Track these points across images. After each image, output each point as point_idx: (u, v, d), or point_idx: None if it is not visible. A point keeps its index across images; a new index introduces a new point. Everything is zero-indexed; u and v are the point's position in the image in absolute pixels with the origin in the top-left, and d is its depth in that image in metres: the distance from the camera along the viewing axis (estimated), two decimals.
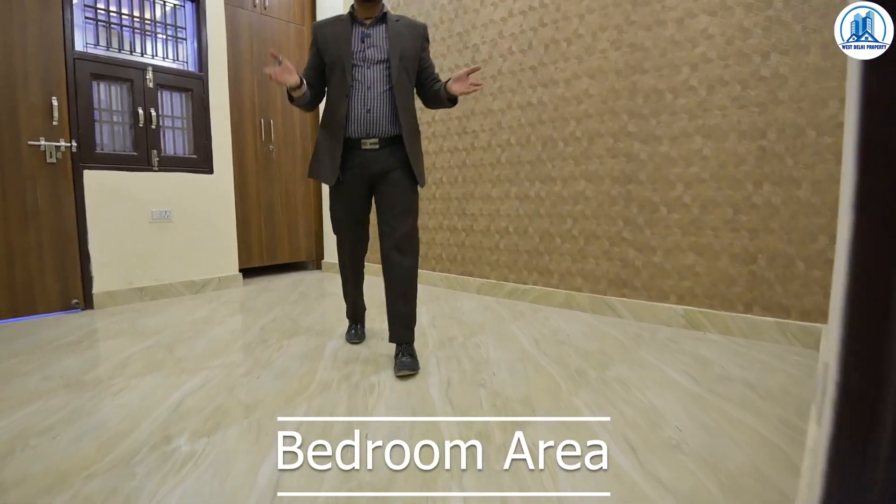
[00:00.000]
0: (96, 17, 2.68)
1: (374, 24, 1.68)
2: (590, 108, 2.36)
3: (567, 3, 2.42)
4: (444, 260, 3.13)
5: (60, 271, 2.60)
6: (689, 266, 2.08)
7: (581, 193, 2.41)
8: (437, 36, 3.04)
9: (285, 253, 3.78)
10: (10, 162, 2.41)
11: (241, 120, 3.41)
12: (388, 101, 1.65)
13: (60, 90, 2.53)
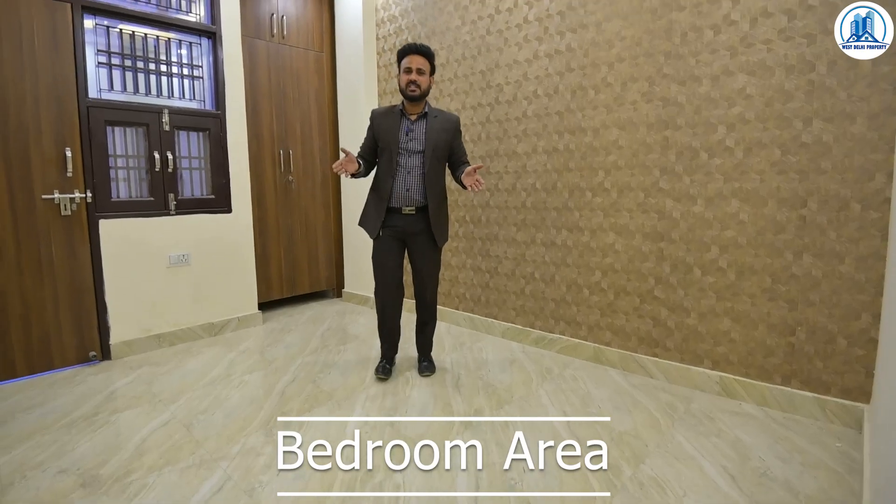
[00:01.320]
0: (110, 60, 2.71)
1: (418, 119, 2.26)
2: (619, 160, 2.36)
3: (595, 50, 2.40)
4: (468, 300, 3.16)
5: (77, 324, 2.66)
6: (725, 332, 2.09)
7: (610, 246, 2.42)
8: (460, 72, 3.03)
9: (305, 283, 3.84)
10: (24, 217, 2.46)
11: (260, 151, 3.45)
12: (421, 182, 2.25)
13: (74, 140, 2.58)
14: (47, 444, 1.87)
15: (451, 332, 3.12)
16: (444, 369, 2.49)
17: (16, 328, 2.47)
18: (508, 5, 2.74)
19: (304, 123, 3.70)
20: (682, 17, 2.14)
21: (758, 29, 1.95)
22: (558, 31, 2.54)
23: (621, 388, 2.22)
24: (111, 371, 2.60)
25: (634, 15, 2.27)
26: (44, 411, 2.15)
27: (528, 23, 2.66)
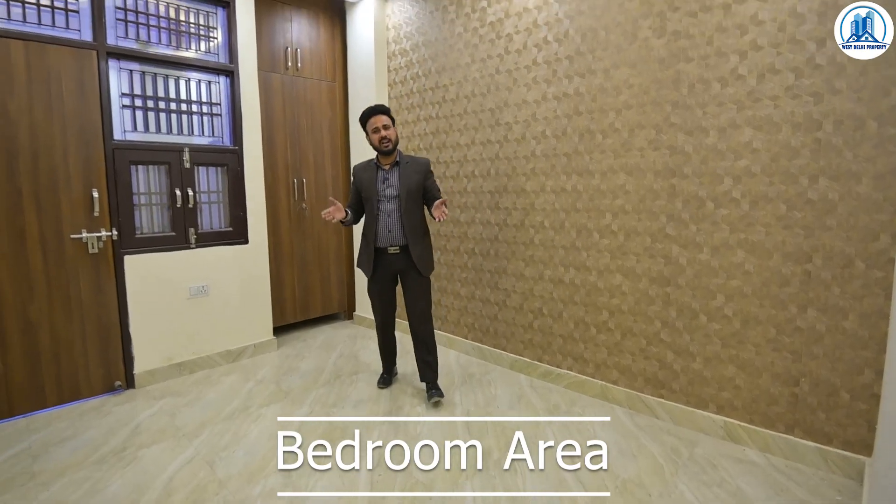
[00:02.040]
0: (133, 103, 2.78)
1: (391, 167, 2.54)
2: (626, 205, 2.39)
3: (603, 96, 2.42)
4: (477, 330, 3.20)
5: (103, 355, 2.76)
6: (729, 378, 2.12)
7: (617, 288, 2.45)
8: (469, 108, 3.07)
9: (318, 307, 3.92)
10: (53, 257, 2.56)
11: (275, 181, 3.53)
12: (399, 223, 2.51)
13: (100, 181, 2.67)
14: (81, 482, 1.97)
15: (461, 361, 3.18)
16: (454, 405, 2.55)
17: (46, 360, 2.58)
18: (518, 47, 2.77)
19: (317, 152, 3.76)
20: (690, 69, 2.15)
21: (765, 85, 1.96)
22: (567, 75, 2.56)
23: (628, 430, 2.26)
24: (135, 401, 2.70)
25: (642, 64, 2.29)
26: (75, 444, 2.25)
27: (536, 65, 2.69)
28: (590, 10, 2.46)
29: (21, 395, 2.51)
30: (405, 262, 2.53)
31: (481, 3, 2.94)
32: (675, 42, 2.19)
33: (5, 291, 2.43)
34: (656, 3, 2.24)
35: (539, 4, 2.65)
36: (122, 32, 2.75)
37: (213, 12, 3.05)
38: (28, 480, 1.97)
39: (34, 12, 2.48)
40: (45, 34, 2.49)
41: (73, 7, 2.58)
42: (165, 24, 2.89)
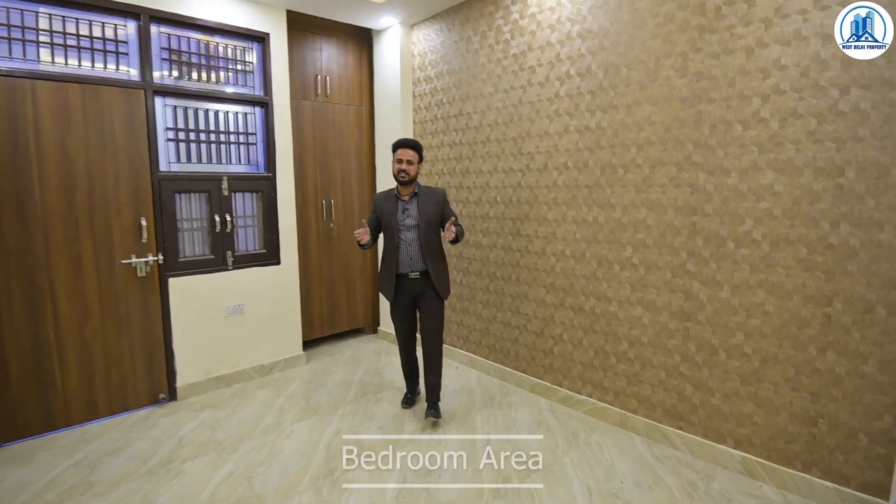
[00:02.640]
0: (177, 136, 2.94)
1: (410, 199, 2.67)
2: (647, 239, 2.41)
3: (625, 131, 2.45)
4: (498, 351, 3.27)
5: (149, 370, 2.95)
6: (748, 415, 2.13)
7: (637, 319, 2.48)
8: (492, 136, 3.13)
9: (344, 321, 4.05)
10: (106, 281, 2.75)
11: (305, 203, 3.66)
12: (419, 251, 2.65)
13: (148, 210, 2.84)
14: (134, 492, 2.14)
15: (482, 382, 3.25)
16: (475, 428, 2.62)
17: (99, 375, 2.78)
18: (540, 79, 2.81)
19: (344, 174, 3.88)
20: (712, 110, 2.16)
21: (787, 129, 1.96)
22: (589, 109, 2.60)
23: (645, 460, 2.30)
24: (178, 413, 2.87)
25: (664, 102, 2.31)
26: (126, 456, 2.44)
27: (559, 98, 2.73)
28: (612, 47, 2.49)
29: (77, 406, 2.72)
30: (424, 285, 2.67)
31: (505, 35, 2.99)
32: (697, 82, 2.21)
33: (64, 312, 2.64)
34: (678, 43, 2.26)
35: (562, 39, 2.69)
36: (167, 71, 2.90)
37: (249, 47, 3.19)
38: (87, 490, 2.16)
39: (88, 57, 2.65)
40: (99, 76, 2.68)
41: (123, 50, 2.75)
42: (205, 60, 3.04)
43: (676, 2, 2.26)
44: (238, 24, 3.09)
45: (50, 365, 2.61)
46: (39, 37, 2.55)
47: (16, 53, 2.50)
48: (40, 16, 2.54)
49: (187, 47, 2.96)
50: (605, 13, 2.51)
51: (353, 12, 3.39)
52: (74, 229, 2.62)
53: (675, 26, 2.27)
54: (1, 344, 2.47)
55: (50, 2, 2.55)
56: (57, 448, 2.50)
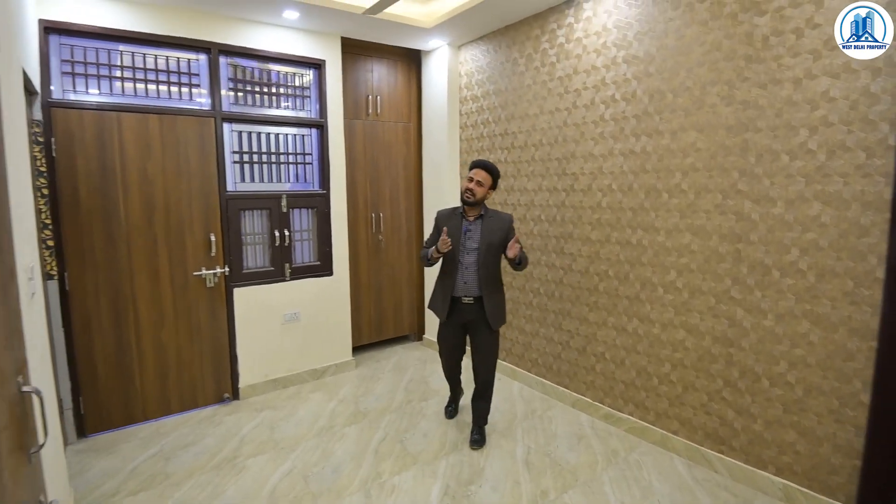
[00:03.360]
0: (241, 158, 3.26)
1: (475, 220, 2.64)
2: (691, 263, 2.50)
3: (670, 157, 2.54)
4: (541, 365, 3.42)
5: (215, 371, 3.30)
6: (790, 443, 2.20)
7: (680, 342, 2.57)
8: (538, 156, 3.28)
9: (391, 329, 4.32)
10: (180, 291, 3.10)
11: (356, 216, 3.93)
12: (476, 276, 2.63)
13: (216, 226, 3.17)
14: (205, 484, 2.45)
15: (524, 394, 3.41)
16: (515, 440, 2.79)
17: (173, 375, 3.14)
18: (585, 102, 2.93)
19: (393, 188, 4.13)
20: (758, 139, 2.23)
21: (835, 161, 2.01)
22: (634, 133, 2.70)
23: (684, 482, 2.40)
24: (240, 412, 3.20)
25: (710, 129, 2.39)
26: (197, 450, 2.77)
27: (604, 121, 2.84)
28: (658, 73, 2.58)
29: (153, 402, 3.10)
30: (477, 313, 2.64)
31: (550, 58, 3.12)
32: (743, 111, 2.28)
33: (144, 319, 3.01)
34: (725, 72, 2.33)
35: (607, 64, 2.80)
36: (233, 98, 3.24)
37: (306, 73, 3.48)
38: (164, 480, 2.50)
39: (166, 89, 3.01)
40: (175, 106, 3.02)
41: (196, 82, 3.09)
42: (267, 87, 3.35)
43: (723, 31, 2.33)
44: (297, 53, 3.39)
45: (131, 365, 3.00)
46: (124, 72, 2.90)
47: (104, 89, 2.86)
48: (124, 54, 2.89)
49: (251, 76, 3.29)
50: (651, 39, 2.60)
51: (403, 36, 3.62)
52: (153, 245, 2.99)
53: (722, 55, 2.34)
54: (91, 346, 2.87)
55: (131, 40, 2.89)
56: (136, 440, 2.88)
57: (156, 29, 2.91)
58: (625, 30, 2.72)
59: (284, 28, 3.34)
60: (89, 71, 2.81)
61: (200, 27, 3.04)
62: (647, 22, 2.61)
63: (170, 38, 2.96)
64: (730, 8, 2.31)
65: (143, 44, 2.93)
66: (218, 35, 3.10)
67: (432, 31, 3.50)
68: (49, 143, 2.65)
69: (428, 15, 3.43)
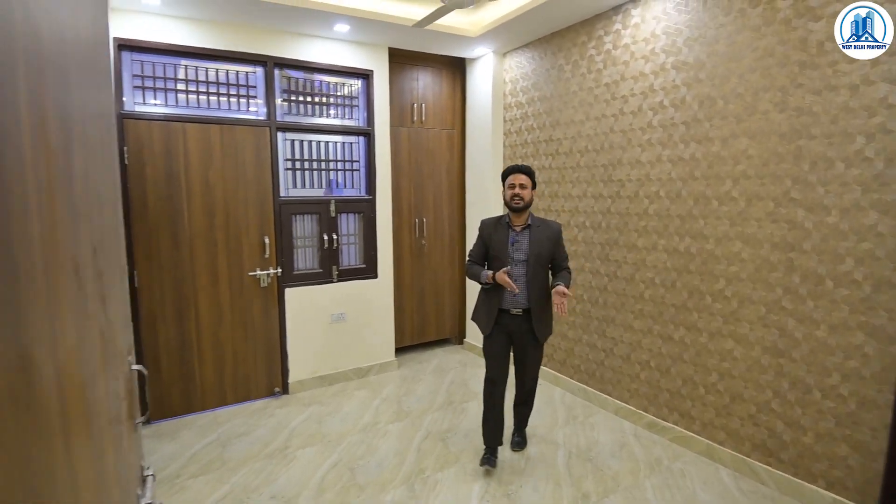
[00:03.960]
0: (294, 165, 3.51)
1: (522, 230, 2.62)
2: (741, 272, 2.54)
3: (720, 164, 2.59)
4: (583, 372, 3.50)
5: (267, 366, 3.55)
6: (842, 457, 2.21)
7: (728, 352, 2.61)
8: (583, 162, 3.37)
9: (432, 331, 4.50)
10: (236, 290, 3.37)
11: (400, 221, 4.13)
12: (525, 288, 2.60)
13: (270, 230, 3.42)
14: (258, 471, 2.68)
15: (566, 400, 3.50)
16: (556, 444, 2.89)
17: (228, 369, 3.42)
18: (633, 109, 3.01)
19: (436, 194, 4.31)
20: (812, 146, 2.26)
21: (893, 169, 2.03)
22: (682, 140, 2.76)
23: (729, 493, 2.43)
24: (290, 406, 3.45)
25: (762, 136, 2.43)
26: (251, 440, 3.01)
27: (651, 127, 2.91)
28: (708, 79, 2.63)
29: (211, 394, 3.39)
30: (524, 325, 2.61)
31: (597, 65, 3.22)
32: (797, 118, 2.31)
33: (204, 316, 3.30)
34: (778, 78, 2.37)
35: (656, 70, 2.87)
36: (287, 109, 3.50)
37: (355, 83, 3.72)
38: (221, 465, 2.74)
39: (225, 100, 3.30)
40: (234, 117, 3.30)
41: (253, 94, 3.37)
42: (318, 97, 3.60)
43: (776, 36, 2.37)
44: (346, 64, 3.62)
45: (191, 359, 3.29)
46: (188, 85, 3.19)
47: (170, 101, 3.16)
48: (188, 68, 3.19)
49: (302, 87, 3.54)
50: (701, 46, 2.66)
51: (448, 45, 3.79)
52: (213, 247, 3.26)
53: (775, 61, 2.38)
54: (156, 340, 3.17)
55: (194, 55, 3.19)
56: (195, 428, 3.16)
57: (217, 44, 3.21)
58: (674, 36, 2.78)
59: (335, 40, 3.57)
60: (157, 84, 3.12)
61: (258, 42, 3.32)
62: (698, 28, 2.67)
63: (230, 52, 3.24)
64: (784, 13, 2.34)
65: (206, 58, 3.22)
66: (273, 49, 3.36)
67: (478, 40, 3.66)
68: (122, 152, 2.96)
69: (474, 24, 3.59)
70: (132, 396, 1.22)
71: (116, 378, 0.99)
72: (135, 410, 1.25)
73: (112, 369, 0.94)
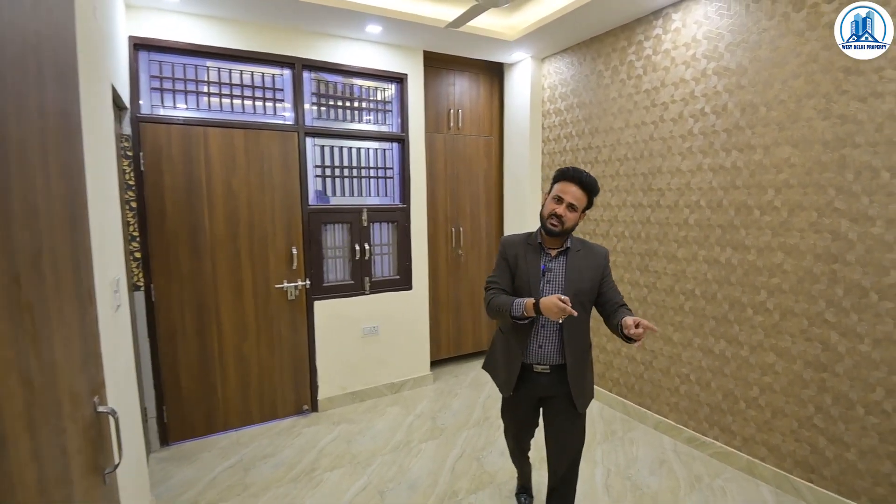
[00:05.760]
0: (324, 172, 3.82)
1: (558, 255, 2.13)
2: (783, 283, 2.73)
3: (762, 172, 2.79)
4: (622, 385, 3.72)
5: (295, 383, 3.78)
6: (886, 474, 2.37)
7: (770, 366, 2.79)
8: (622, 171, 3.61)
9: (469, 343, 4.78)
10: (262, 303, 3.59)
11: (436, 230, 4.44)
12: (557, 338, 2.10)
13: (298, 240, 3.67)
14: (282, 497, 2.77)
15: (604, 414, 3.72)
16: (595, 462, 3.10)
17: (253, 386, 3.61)
18: (673, 116, 3.23)
19: (473, 202, 4.61)
20: (857, 155, 2.44)
21: None
22: (724, 148, 2.97)
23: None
24: (318, 424, 3.64)
25: (805, 144, 2.62)
26: (275, 462, 3.13)
27: (692, 135, 3.13)
28: (750, 86, 2.84)
29: (234, 412, 3.54)
30: (557, 387, 2.13)
31: (637, 70, 3.46)
32: (841, 126, 2.50)
33: (226, 330, 3.46)
34: (822, 84, 2.56)
35: (697, 76, 3.09)
36: (315, 113, 3.78)
37: (388, 87, 4.04)
38: (242, 491, 2.83)
39: (250, 104, 3.52)
40: (259, 121, 3.50)
41: (280, 97, 3.62)
42: (349, 102, 3.90)
43: (821, 41, 2.56)
44: (379, 67, 3.91)
45: (213, 376, 3.43)
46: (210, 88, 3.35)
47: (191, 104, 3.30)
48: (210, 69, 3.35)
49: (334, 90, 3.84)
50: (743, 51, 2.87)
51: (485, 49, 4.09)
52: (236, 257, 3.44)
53: (819, 66, 2.57)
54: (175, 357, 3.30)
55: (217, 56, 3.33)
56: (217, 450, 3.28)
57: (241, 45, 3.37)
58: (715, 41, 3.00)
59: (367, 42, 3.84)
60: (177, 86, 3.26)
61: (285, 42, 3.51)
62: (740, 33, 2.88)
63: (255, 53, 3.41)
64: (827, 18, 2.53)
65: (229, 59, 3.38)
66: (302, 50, 3.58)
67: (515, 44, 3.95)
68: (138, 158, 3.07)
69: (511, 28, 3.88)
70: (98, 445, 1.16)
71: (62, 430, 0.94)
72: (104, 459, 1.21)
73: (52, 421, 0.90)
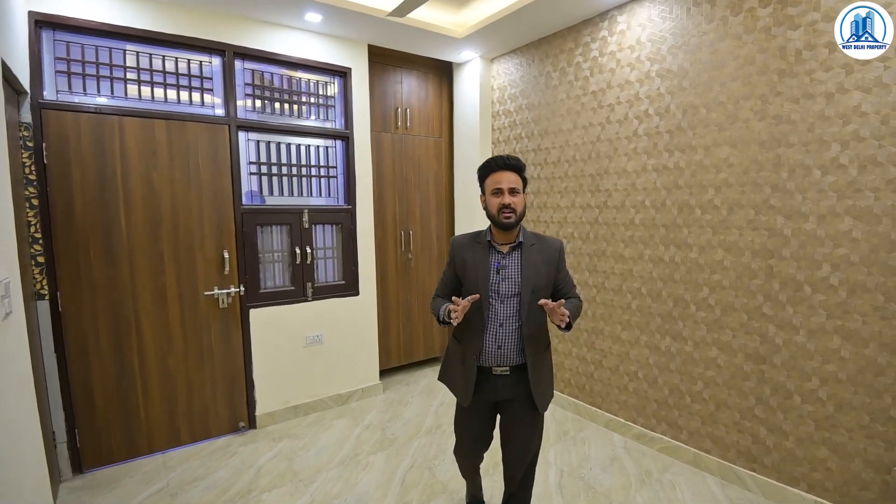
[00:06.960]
0: (259, 170, 3.67)
1: (511, 251, 2.10)
2: (723, 280, 2.90)
3: (703, 172, 2.96)
4: (573, 386, 3.83)
5: (229, 399, 3.59)
6: (821, 460, 2.56)
7: (713, 360, 2.96)
8: (570, 172, 3.74)
9: (420, 351, 4.78)
10: (189, 312, 3.37)
11: (384, 234, 4.42)
12: (517, 336, 2.07)
13: (230, 243, 3.48)
14: None
15: (556, 415, 3.81)
16: (548, 463, 3.17)
17: (181, 404, 3.38)
18: (619, 117, 3.38)
19: (423, 205, 4.63)
20: (791, 154, 2.63)
21: (866, 176, 2.40)
22: (667, 149, 3.13)
23: (718, 501, 2.76)
24: (257, 442, 3.48)
25: (743, 144, 2.80)
26: (206, 484, 2.95)
27: (637, 136, 3.28)
28: (691, 87, 3.02)
29: (159, 434, 3.30)
30: (517, 389, 2.09)
31: (584, 72, 3.60)
32: (776, 126, 2.69)
33: (148, 343, 3.22)
34: (758, 86, 2.75)
35: (641, 78, 3.25)
36: (250, 106, 3.61)
37: (331, 82, 3.98)
38: None
39: (174, 93, 3.30)
40: (184, 112, 3.30)
41: (208, 86, 3.42)
42: (287, 95, 3.78)
43: (757, 45, 2.75)
44: (320, 59, 3.82)
45: (134, 394, 3.18)
46: (127, 74, 3.11)
47: (104, 91, 3.06)
48: (128, 53, 3.11)
49: (270, 82, 3.69)
50: (684, 53, 3.04)
51: (433, 46, 4.14)
52: (159, 262, 3.21)
53: (755, 69, 2.76)
54: (88, 373, 3.03)
55: (138, 39, 3.11)
56: (139, 475, 3.05)
57: (163, 27, 3.16)
58: (658, 43, 3.17)
59: (308, 32, 3.73)
60: (88, 70, 3.01)
61: (214, 27, 3.34)
62: (681, 35, 3.06)
63: (180, 37, 3.22)
64: (763, 22, 2.73)
65: (150, 43, 3.17)
66: (233, 36, 3.41)
67: (464, 42, 4.01)
68: (40, 149, 2.81)
69: (459, 25, 3.94)
70: None
71: None
72: None
73: None
